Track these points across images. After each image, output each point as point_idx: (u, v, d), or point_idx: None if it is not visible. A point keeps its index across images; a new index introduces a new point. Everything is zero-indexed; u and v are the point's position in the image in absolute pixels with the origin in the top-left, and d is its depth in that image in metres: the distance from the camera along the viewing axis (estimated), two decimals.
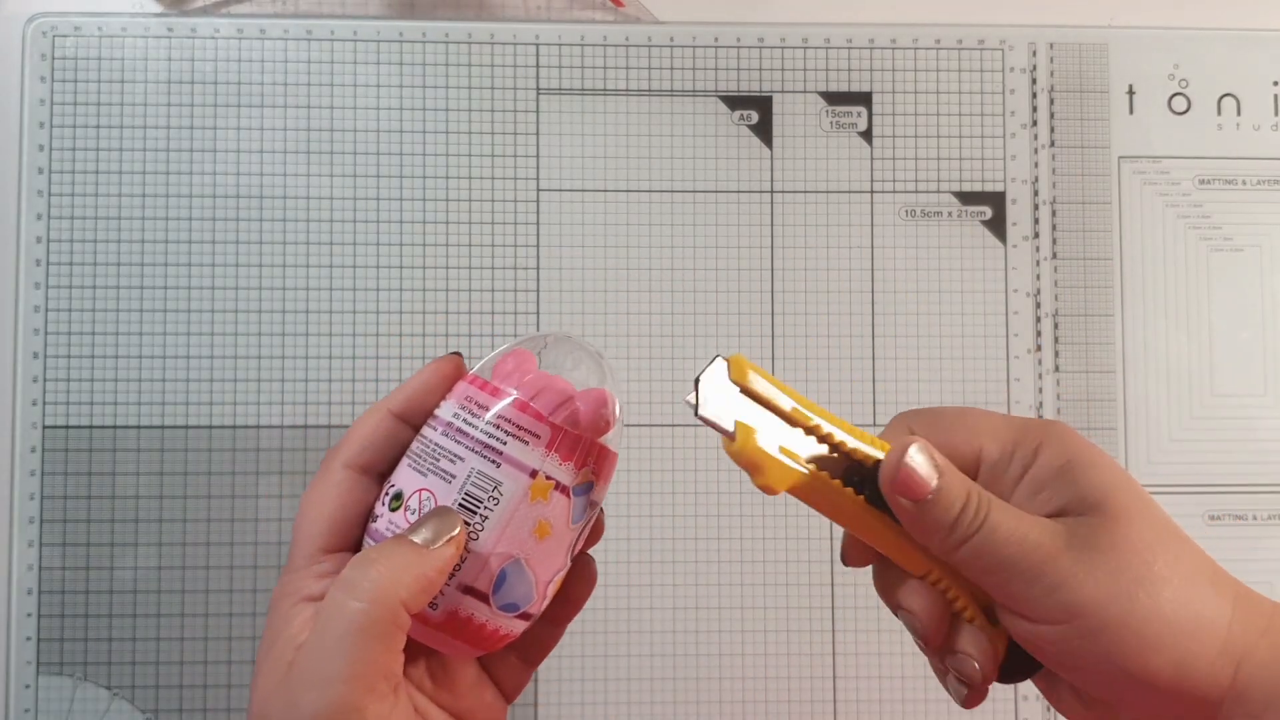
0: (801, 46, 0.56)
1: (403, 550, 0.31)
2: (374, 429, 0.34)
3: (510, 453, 0.32)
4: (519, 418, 0.33)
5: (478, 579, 0.32)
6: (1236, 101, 0.56)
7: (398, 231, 0.54)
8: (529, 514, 0.32)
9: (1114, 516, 0.31)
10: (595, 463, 0.34)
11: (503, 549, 0.32)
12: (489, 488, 0.32)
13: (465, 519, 0.32)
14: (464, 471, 0.32)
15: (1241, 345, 0.55)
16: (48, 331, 0.53)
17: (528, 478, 0.32)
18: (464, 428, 0.33)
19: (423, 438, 0.34)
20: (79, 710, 0.52)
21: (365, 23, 0.55)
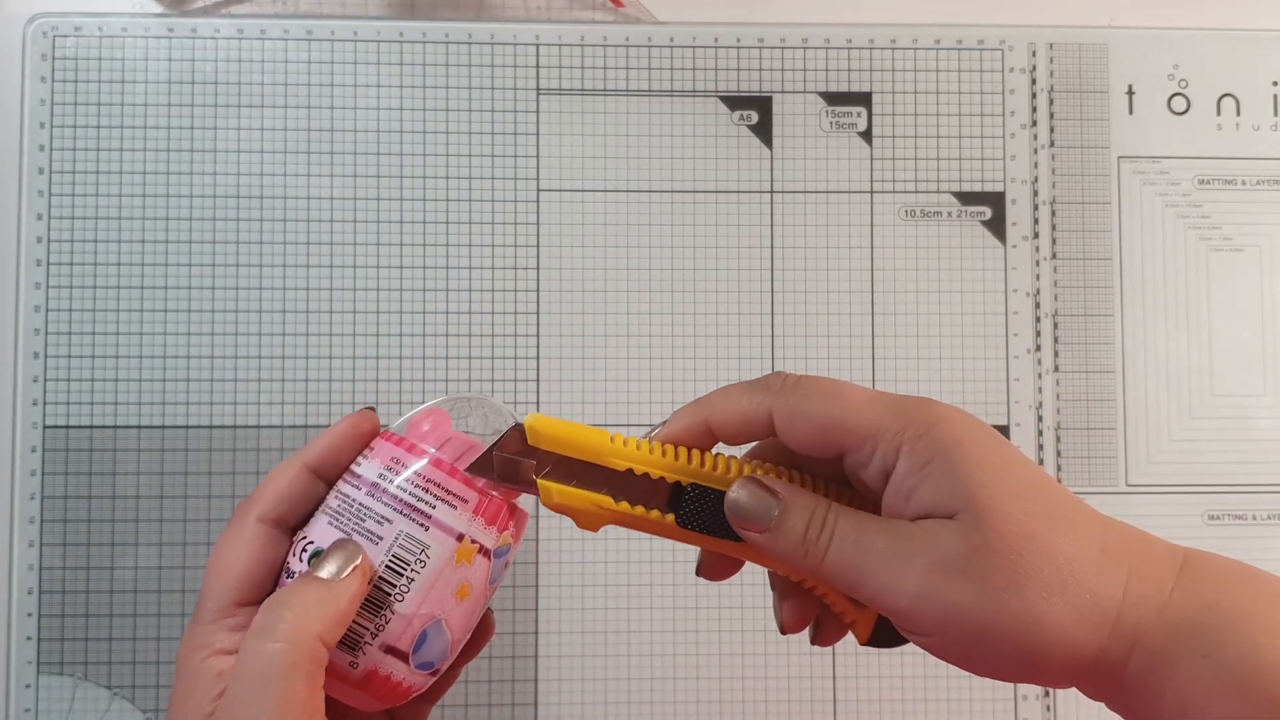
0: (801, 47, 0.56)
1: (312, 588, 0.31)
2: (289, 484, 0.34)
3: (439, 516, 0.33)
4: (448, 482, 0.33)
5: (400, 639, 0.33)
6: (1236, 102, 0.56)
7: (398, 232, 0.54)
8: (453, 576, 0.33)
9: (979, 517, 0.29)
10: (514, 525, 0.35)
11: (426, 610, 0.33)
12: (416, 550, 0.33)
13: (391, 580, 0.32)
14: (391, 534, 0.33)
15: (1241, 345, 0.55)
16: (48, 331, 0.53)
17: (455, 541, 0.33)
18: (390, 489, 0.33)
19: (343, 495, 0.34)
20: (79, 710, 0.52)
21: (365, 23, 0.55)
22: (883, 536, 0.30)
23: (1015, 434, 0.55)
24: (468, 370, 0.54)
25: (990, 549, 0.29)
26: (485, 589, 0.34)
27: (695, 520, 0.33)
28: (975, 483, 0.29)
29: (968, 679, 0.54)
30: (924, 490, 0.30)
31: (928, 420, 0.31)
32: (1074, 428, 0.55)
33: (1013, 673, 0.30)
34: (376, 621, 0.33)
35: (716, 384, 0.54)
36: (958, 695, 0.54)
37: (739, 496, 0.32)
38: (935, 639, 0.30)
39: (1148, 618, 0.29)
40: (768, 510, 0.32)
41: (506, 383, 0.54)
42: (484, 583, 0.34)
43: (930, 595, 0.29)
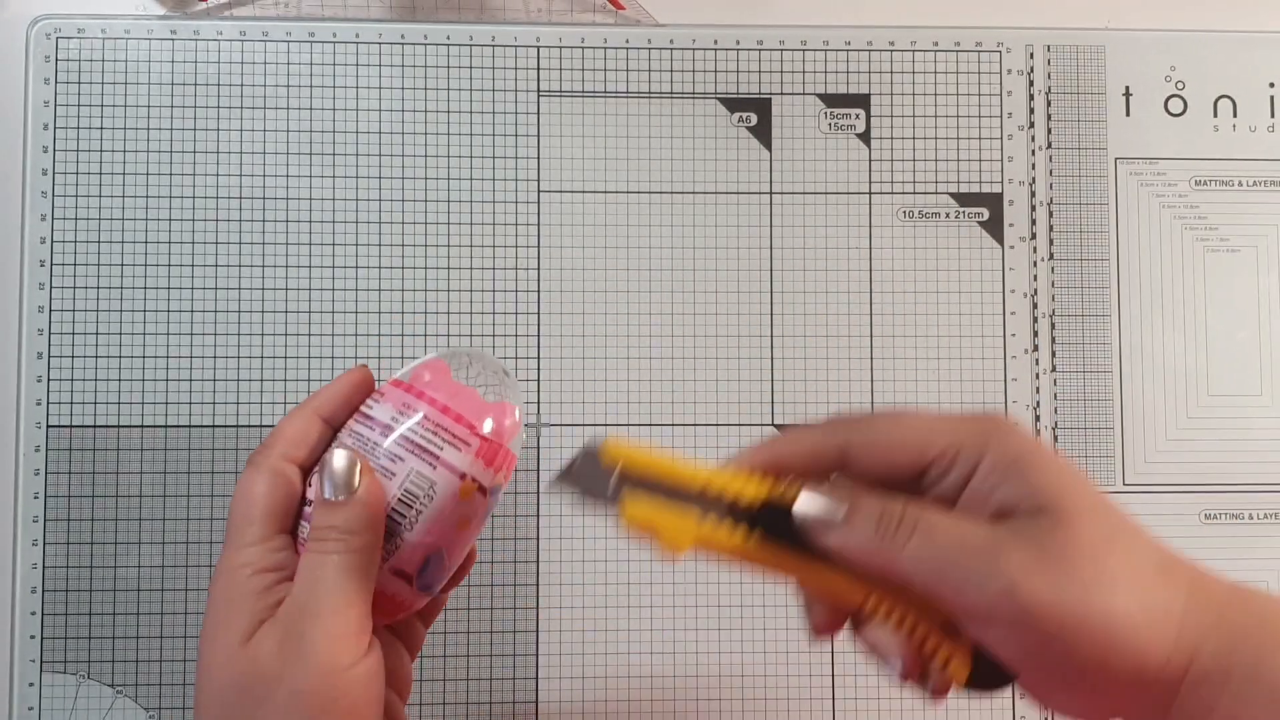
0: (800, 49, 0.56)
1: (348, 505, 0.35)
2: (304, 427, 0.37)
3: (446, 457, 0.36)
4: (454, 427, 0.36)
5: (408, 564, 0.36)
6: (1233, 103, 0.57)
7: (399, 232, 0.55)
8: (456, 510, 0.36)
9: (1063, 517, 0.30)
10: (506, 468, 0.38)
11: (430, 539, 0.36)
12: (425, 486, 0.36)
13: (402, 512, 0.36)
14: (403, 471, 0.36)
15: (1237, 346, 0.56)
16: (52, 331, 0.53)
17: (459, 480, 0.36)
18: (404, 431, 0.36)
19: (356, 434, 0.37)
20: (82, 708, 0.52)
21: (367, 25, 0.56)
22: (967, 530, 0.31)
23: None
24: None
25: (1077, 547, 0.30)
26: (480, 522, 0.37)
27: (775, 534, 0.33)
28: (1058, 487, 0.31)
29: None
30: (1006, 489, 0.31)
31: (1008, 427, 0.32)
32: (1071, 427, 0.55)
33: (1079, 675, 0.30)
34: (388, 547, 0.36)
35: (716, 384, 0.55)
36: (958, 695, 0.54)
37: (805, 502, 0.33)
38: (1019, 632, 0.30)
39: (1205, 632, 0.30)
40: (834, 510, 0.32)
41: None
42: (480, 517, 0.37)
43: (1016, 591, 0.30)
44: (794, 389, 0.55)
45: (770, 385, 0.55)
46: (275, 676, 0.33)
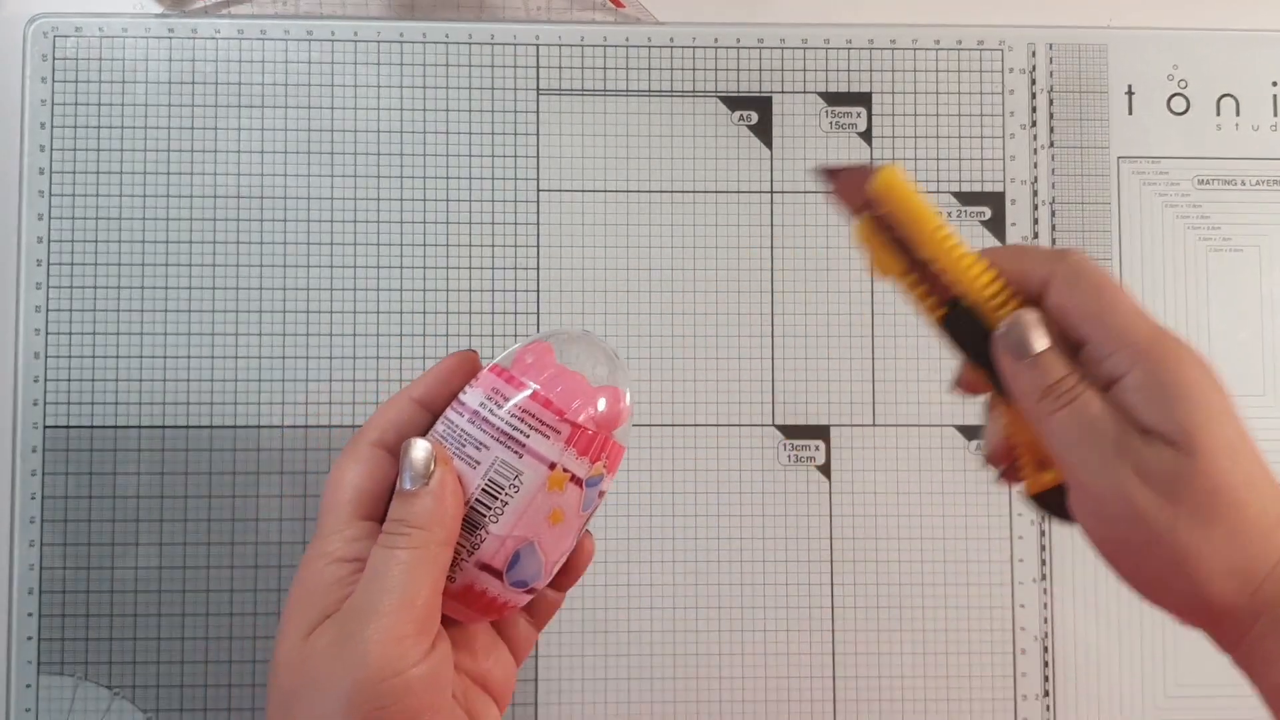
0: (801, 47, 0.56)
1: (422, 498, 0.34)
2: (398, 413, 0.36)
3: (532, 445, 0.35)
4: (542, 413, 0.35)
5: (494, 557, 0.35)
6: (1235, 102, 0.56)
7: (398, 232, 0.54)
8: (545, 502, 0.35)
9: (1192, 451, 0.32)
10: (607, 457, 0.36)
11: (518, 533, 0.35)
12: (511, 476, 0.35)
13: (486, 503, 0.34)
14: (488, 459, 0.35)
15: (1240, 345, 0.55)
16: (49, 331, 0.53)
17: (547, 469, 0.35)
18: (490, 418, 0.35)
19: (448, 421, 0.36)
20: (80, 710, 0.52)
21: (366, 23, 0.55)
22: (1114, 427, 0.32)
23: None
24: None
25: (1189, 483, 0.31)
26: (577, 515, 0.36)
27: (958, 330, 0.36)
28: (1197, 423, 0.32)
29: (968, 679, 0.54)
30: (1151, 412, 0.32)
31: (1176, 355, 0.33)
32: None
33: (1147, 587, 0.33)
34: (472, 540, 0.35)
35: (717, 384, 0.54)
36: (958, 695, 0.54)
37: (1020, 322, 0.34)
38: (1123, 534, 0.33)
39: None
40: (1028, 349, 0.34)
41: None
42: (575, 510, 0.35)
43: (1123, 494, 0.32)
44: (794, 389, 0.54)
45: (770, 385, 0.55)
46: (325, 677, 0.32)
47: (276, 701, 0.33)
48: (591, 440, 0.35)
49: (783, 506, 0.54)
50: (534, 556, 0.35)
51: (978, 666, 0.54)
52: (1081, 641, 0.54)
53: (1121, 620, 0.54)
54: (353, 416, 0.53)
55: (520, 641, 0.39)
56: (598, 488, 0.36)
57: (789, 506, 0.54)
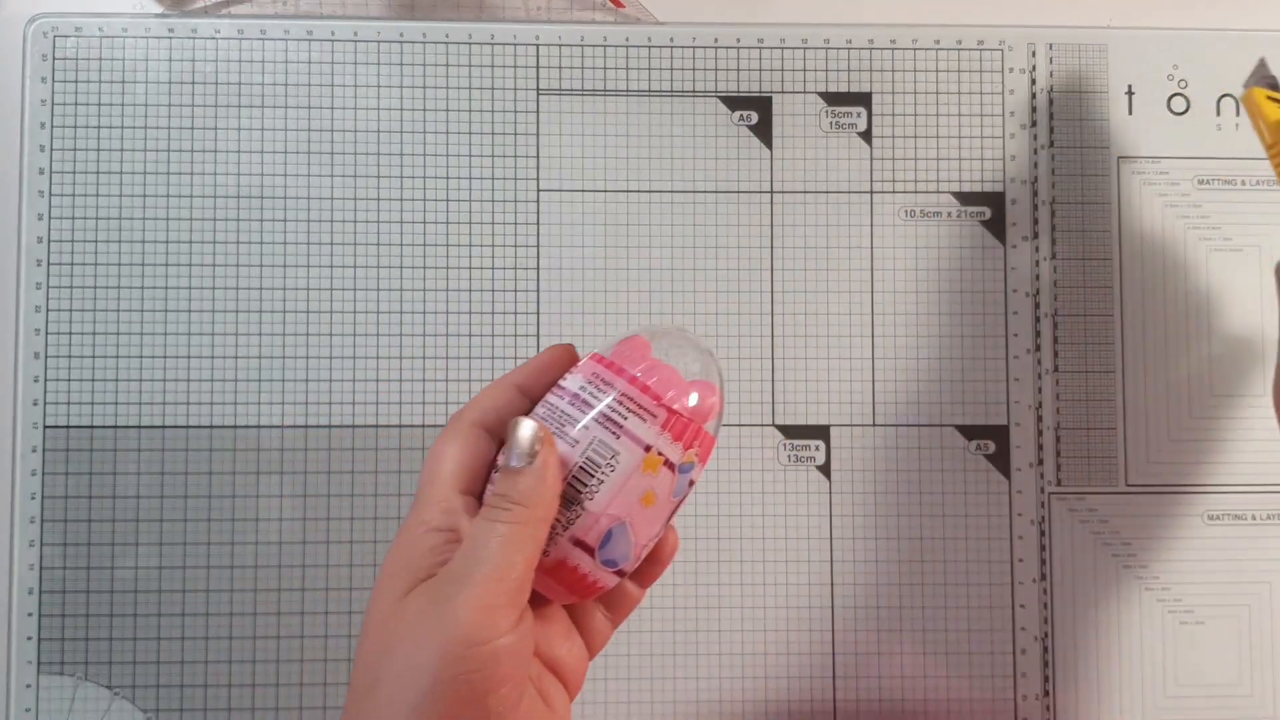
0: (801, 47, 0.56)
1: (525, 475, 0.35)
2: (500, 396, 0.37)
3: (630, 427, 0.36)
4: (640, 398, 0.36)
5: (588, 534, 0.36)
6: (1236, 102, 0.56)
7: (398, 232, 0.54)
8: (639, 483, 0.36)
9: None
10: (700, 446, 0.37)
11: (613, 511, 0.36)
12: (607, 455, 0.36)
13: (583, 480, 0.35)
14: (586, 439, 0.36)
15: (1240, 345, 0.55)
16: (48, 331, 0.53)
17: (642, 451, 0.36)
18: (589, 400, 0.36)
19: (549, 404, 0.37)
20: (79, 710, 0.52)
21: (365, 23, 0.55)
22: None
23: (1015, 434, 0.55)
24: (468, 370, 0.54)
25: None
26: (668, 500, 0.37)
27: None
28: None
29: (969, 680, 0.54)
30: None
31: None
32: (1073, 428, 0.55)
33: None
34: (568, 516, 0.35)
35: None
36: (958, 695, 0.54)
37: None
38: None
39: None
40: None
41: None
42: (667, 494, 0.37)
43: None
44: (794, 389, 0.54)
45: (770, 385, 0.55)
46: (415, 638, 0.32)
47: (364, 664, 0.34)
48: (685, 427, 0.36)
49: (783, 506, 0.54)
50: (625, 536, 0.36)
51: (978, 666, 0.54)
52: (1081, 641, 0.54)
53: (1121, 620, 0.54)
54: (353, 417, 0.53)
55: (596, 634, 0.40)
56: (689, 475, 0.37)
57: (789, 506, 0.54)
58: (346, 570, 0.53)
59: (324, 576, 0.53)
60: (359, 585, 0.53)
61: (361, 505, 0.53)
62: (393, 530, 0.53)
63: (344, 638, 0.53)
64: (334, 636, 0.53)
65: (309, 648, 0.53)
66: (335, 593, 0.53)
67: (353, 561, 0.53)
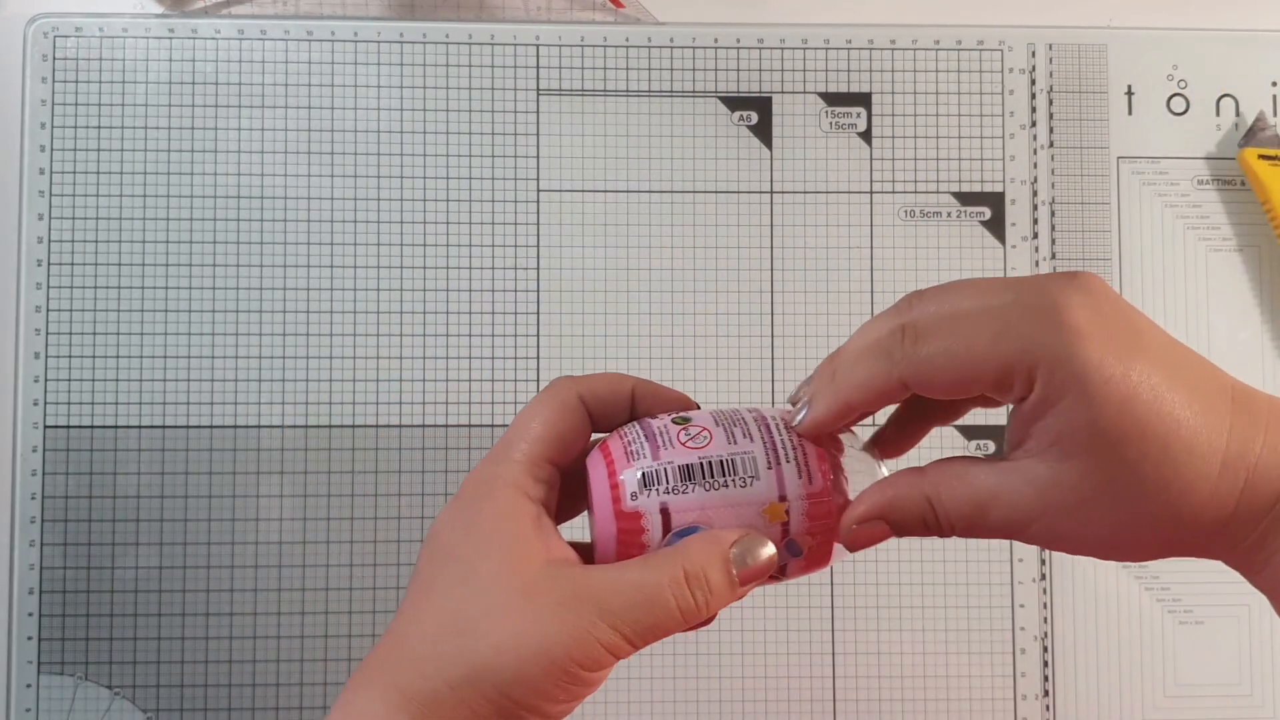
0: (801, 47, 0.56)
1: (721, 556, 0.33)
2: (614, 388, 0.36)
3: (784, 469, 0.34)
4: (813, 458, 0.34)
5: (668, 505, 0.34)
6: (1235, 102, 0.57)
7: (398, 232, 0.54)
8: (747, 516, 0.33)
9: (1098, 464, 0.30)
10: (817, 547, 0.35)
11: (705, 514, 0.33)
12: (748, 475, 0.33)
13: (710, 472, 0.33)
14: (744, 448, 0.34)
15: (1240, 346, 0.55)
16: (49, 331, 0.53)
17: (776, 495, 0.33)
18: (771, 425, 0.34)
19: (729, 408, 0.35)
20: (80, 709, 0.52)
21: (366, 23, 0.55)
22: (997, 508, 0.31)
23: None
24: (468, 370, 0.54)
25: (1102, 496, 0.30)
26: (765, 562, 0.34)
27: None
28: (1095, 428, 0.29)
29: (969, 679, 0.54)
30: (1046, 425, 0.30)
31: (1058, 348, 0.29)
32: None
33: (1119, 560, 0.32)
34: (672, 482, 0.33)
35: (716, 384, 0.54)
36: (957, 695, 0.54)
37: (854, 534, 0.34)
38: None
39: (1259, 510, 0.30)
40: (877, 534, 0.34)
41: (507, 383, 0.54)
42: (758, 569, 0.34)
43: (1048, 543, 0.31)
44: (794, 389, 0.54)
45: (770, 385, 0.55)
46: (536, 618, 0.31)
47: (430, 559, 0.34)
48: (827, 512, 0.34)
49: None
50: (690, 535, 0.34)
51: (977, 666, 0.54)
52: (1081, 641, 0.54)
53: (1121, 620, 0.54)
54: (353, 417, 0.54)
55: None
56: (789, 554, 0.34)
57: None
58: (346, 570, 0.53)
59: (324, 576, 0.53)
60: (359, 585, 0.53)
61: (361, 505, 0.53)
62: (393, 530, 0.53)
63: (344, 637, 0.53)
64: (334, 636, 0.53)
65: (309, 647, 0.53)
66: (335, 593, 0.53)
67: (353, 561, 0.53)
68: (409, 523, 0.53)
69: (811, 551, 0.34)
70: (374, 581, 0.53)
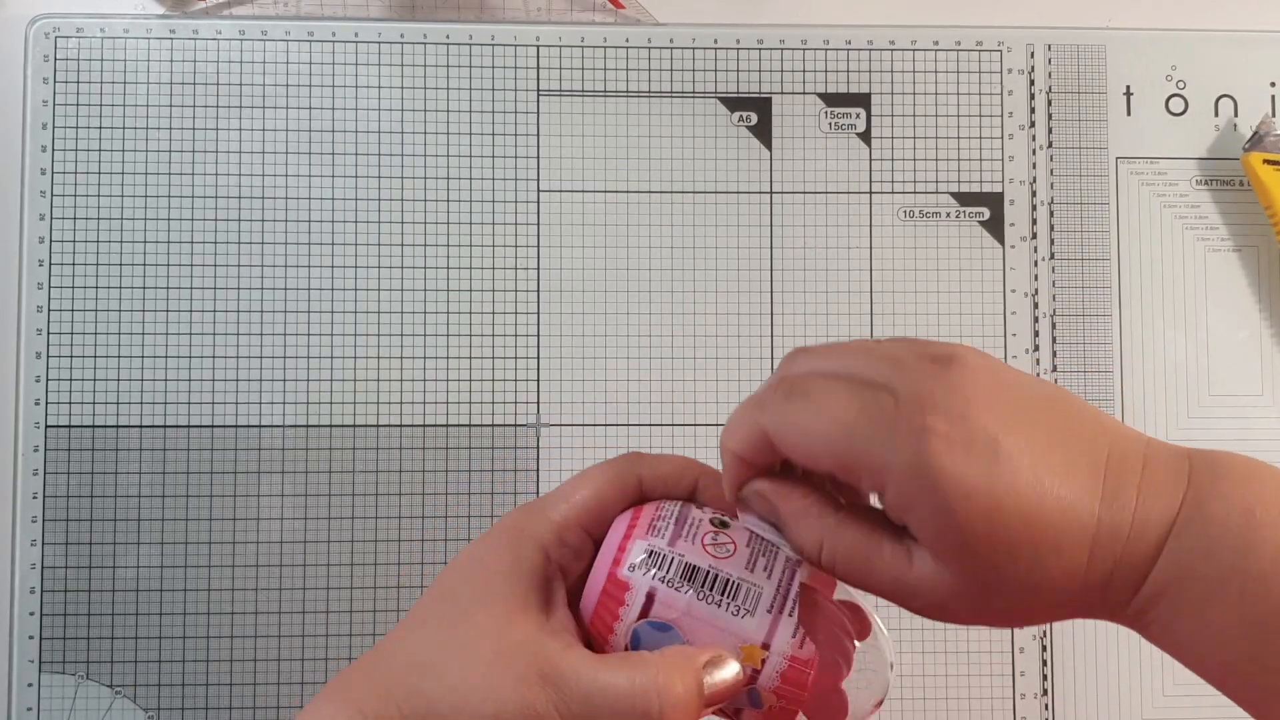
0: (800, 48, 0.56)
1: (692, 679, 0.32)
2: (678, 475, 0.35)
3: (783, 621, 0.33)
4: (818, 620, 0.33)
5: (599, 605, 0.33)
6: (1234, 102, 0.57)
7: (398, 232, 0.55)
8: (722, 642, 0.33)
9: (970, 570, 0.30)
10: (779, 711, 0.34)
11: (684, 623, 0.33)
12: (745, 608, 0.33)
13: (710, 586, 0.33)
14: (757, 580, 0.33)
15: (1238, 346, 0.56)
16: (50, 331, 0.53)
17: (760, 641, 0.33)
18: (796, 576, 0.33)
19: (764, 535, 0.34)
20: (81, 709, 0.52)
21: (366, 24, 0.55)
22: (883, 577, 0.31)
23: None
24: (468, 370, 0.54)
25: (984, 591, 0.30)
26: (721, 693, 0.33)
27: None
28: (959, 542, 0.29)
29: (968, 679, 0.54)
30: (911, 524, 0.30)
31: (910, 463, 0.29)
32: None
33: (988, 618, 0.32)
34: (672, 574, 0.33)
35: (716, 384, 0.55)
36: (957, 695, 0.54)
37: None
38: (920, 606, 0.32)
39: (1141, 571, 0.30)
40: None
41: (507, 383, 0.54)
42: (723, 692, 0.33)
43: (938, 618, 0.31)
44: None
45: None
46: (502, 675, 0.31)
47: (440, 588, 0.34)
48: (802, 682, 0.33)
49: None
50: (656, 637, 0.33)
51: (976, 666, 0.54)
52: (1080, 641, 0.54)
53: None
54: (353, 417, 0.54)
55: None
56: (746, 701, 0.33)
57: None
58: (347, 570, 0.53)
59: (324, 576, 0.53)
60: (359, 585, 0.53)
61: (362, 505, 0.53)
62: (393, 530, 0.53)
63: (344, 637, 0.53)
64: (334, 636, 0.53)
65: (310, 647, 0.53)
66: (336, 592, 0.53)
67: (353, 561, 0.53)
68: (409, 523, 0.53)
69: (772, 711, 0.34)
70: (374, 581, 0.53)
